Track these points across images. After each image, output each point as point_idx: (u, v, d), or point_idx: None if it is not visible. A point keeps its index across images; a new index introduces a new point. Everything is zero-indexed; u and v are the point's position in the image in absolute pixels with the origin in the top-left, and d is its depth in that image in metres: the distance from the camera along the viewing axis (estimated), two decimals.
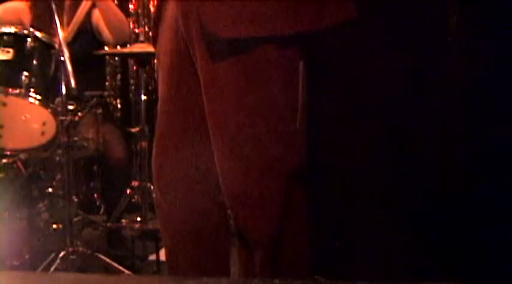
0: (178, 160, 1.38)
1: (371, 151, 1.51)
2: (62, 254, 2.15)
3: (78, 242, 2.23)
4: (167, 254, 1.50)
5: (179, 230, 1.43)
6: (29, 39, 2.25)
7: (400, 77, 1.48)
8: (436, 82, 1.47)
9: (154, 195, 2.65)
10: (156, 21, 1.42)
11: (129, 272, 2.31)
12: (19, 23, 2.76)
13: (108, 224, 2.72)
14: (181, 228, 1.42)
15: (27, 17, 2.89)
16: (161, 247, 2.53)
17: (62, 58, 2.10)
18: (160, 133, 1.43)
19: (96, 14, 2.87)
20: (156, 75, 3.65)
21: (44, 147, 2.31)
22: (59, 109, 2.18)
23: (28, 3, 2.94)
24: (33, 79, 2.22)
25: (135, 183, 2.74)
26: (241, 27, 1.21)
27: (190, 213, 1.40)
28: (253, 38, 1.21)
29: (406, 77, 1.48)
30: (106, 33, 2.86)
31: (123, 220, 2.80)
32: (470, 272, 1.40)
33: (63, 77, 2.12)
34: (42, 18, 2.77)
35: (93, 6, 2.85)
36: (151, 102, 3.58)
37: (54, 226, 2.56)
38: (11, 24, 2.40)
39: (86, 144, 2.48)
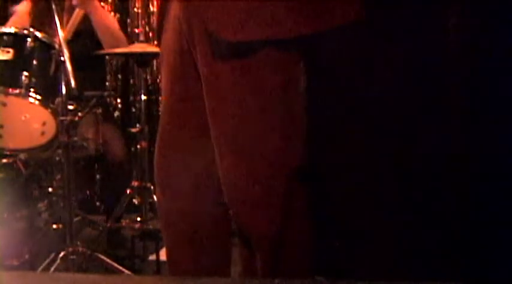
0: (179, 160, 1.39)
1: (372, 151, 1.51)
2: (62, 254, 2.15)
3: (78, 242, 2.23)
4: (168, 254, 1.50)
5: (180, 229, 1.43)
6: (29, 39, 2.25)
7: (401, 77, 1.48)
8: (437, 82, 1.47)
9: (155, 194, 2.66)
10: (160, 21, 1.43)
11: (129, 272, 2.31)
12: None
13: (108, 224, 2.72)
14: (182, 227, 1.43)
15: (26, 21, 2.89)
16: (161, 247, 2.53)
17: (62, 58, 2.10)
18: (162, 132, 1.44)
19: None
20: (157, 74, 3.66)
21: (44, 147, 2.31)
22: (59, 109, 2.18)
23: (27, 8, 2.93)
24: (33, 79, 2.22)
25: (135, 183, 2.74)
26: (248, 31, 1.21)
27: (191, 212, 1.40)
28: (259, 40, 1.21)
29: (407, 77, 1.48)
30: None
31: (123, 220, 2.81)
32: (471, 272, 1.40)
33: (63, 77, 2.12)
34: (41, 20, 2.77)
35: None
36: (151, 102, 3.59)
37: (54, 226, 2.56)
38: None
39: (86, 144, 2.48)
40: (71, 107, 2.23)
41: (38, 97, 2.22)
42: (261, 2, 1.21)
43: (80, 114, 2.32)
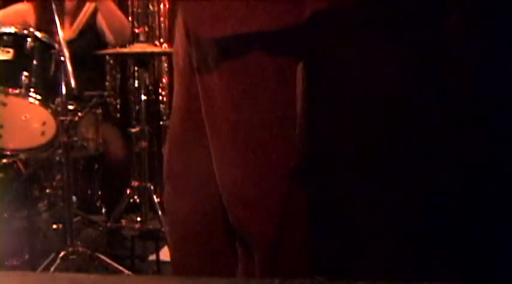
0: (187, 161, 1.39)
1: (372, 151, 1.51)
2: (62, 254, 2.15)
3: (78, 242, 2.23)
4: (172, 254, 1.50)
5: (187, 230, 1.42)
6: (29, 39, 2.25)
7: (401, 77, 1.48)
8: (437, 82, 1.47)
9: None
10: (172, 22, 1.44)
11: (129, 272, 2.31)
12: (24, 25, 2.76)
13: (108, 224, 2.73)
14: (190, 228, 1.42)
15: (31, 19, 2.89)
16: (161, 247, 2.53)
17: (62, 58, 2.10)
18: (171, 133, 1.44)
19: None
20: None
21: (44, 147, 2.31)
22: (59, 109, 2.18)
23: (32, 5, 2.95)
24: (33, 80, 2.23)
25: (135, 183, 2.74)
26: (225, 26, 1.20)
27: (199, 213, 1.40)
28: (245, 41, 1.21)
29: (407, 77, 1.48)
30: (108, 35, 2.87)
31: (123, 220, 2.81)
32: (471, 272, 1.40)
33: (63, 77, 2.12)
34: (46, 19, 2.78)
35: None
36: (151, 102, 3.59)
37: (54, 226, 2.57)
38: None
39: (86, 144, 2.48)
40: (71, 107, 2.24)
41: (38, 97, 2.22)
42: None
43: (80, 114, 2.33)
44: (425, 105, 1.47)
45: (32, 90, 2.22)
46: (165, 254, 2.45)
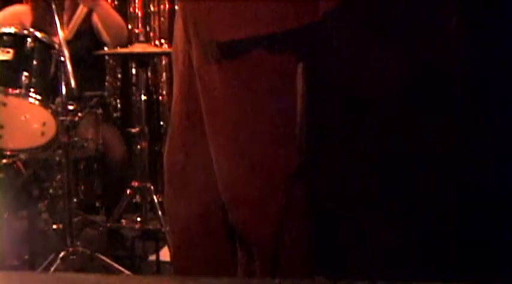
0: (187, 161, 1.39)
1: (372, 151, 1.51)
2: (62, 254, 2.15)
3: (78, 242, 2.23)
4: (173, 254, 1.50)
5: (188, 230, 1.42)
6: (29, 39, 2.25)
7: (401, 77, 1.48)
8: (437, 82, 1.47)
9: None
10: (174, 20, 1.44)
11: (129, 272, 2.31)
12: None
13: (108, 224, 2.73)
14: (190, 229, 1.42)
15: (28, 20, 2.89)
16: (161, 247, 2.53)
17: (62, 58, 2.10)
18: (171, 133, 1.44)
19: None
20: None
21: (44, 147, 2.31)
22: (59, 109, 2.18)
23: (29, 6, 2.95)
24: (33, 80, 2.22)
25: (135, 183, 2.74)
26: (237, 30, 1.21)
27: (199, 213, 1.39)
28: (246, 40, 1.21)
29: (406, 77, 1.48)
30: (104, 35, 2.87)
31: (123, 220, 2.81)
32: (471, 272, 1.41)
33: (63, 77, 2.12)
34: (43, 19, 2.78)
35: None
36: (151, 102, 3.60)
37: (54, 226, 2.56)
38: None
39: (86, 144, 2.48)
40: (71, 107, 2.23)
41: (38, 97, 2.22)
42: (246, 1, 1.20)
43: (80, 114, 2.33)
44: (425, 105, 1.47)
45: (32, 90, 2.21)
46: (165, 254, 2.45)
